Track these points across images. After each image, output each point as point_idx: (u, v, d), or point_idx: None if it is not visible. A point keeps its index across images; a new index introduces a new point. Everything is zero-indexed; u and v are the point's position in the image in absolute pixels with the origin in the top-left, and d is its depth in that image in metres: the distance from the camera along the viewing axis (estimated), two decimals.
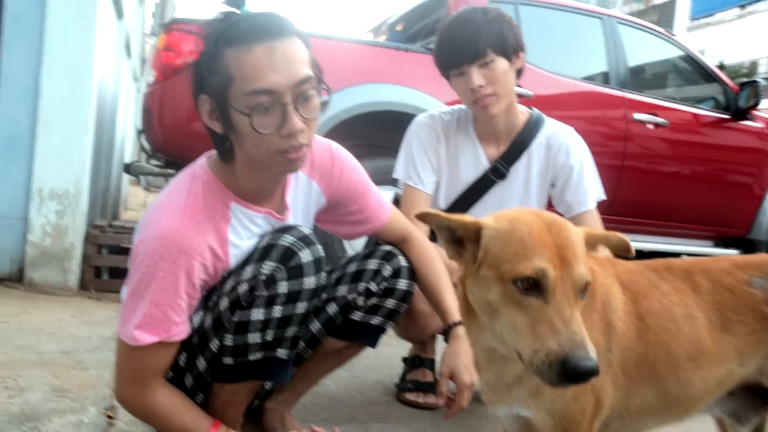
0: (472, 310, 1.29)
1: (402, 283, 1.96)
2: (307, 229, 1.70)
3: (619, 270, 1.49)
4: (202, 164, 1.71)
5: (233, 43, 1.52)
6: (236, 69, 1.51)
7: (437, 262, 2.04)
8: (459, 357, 1.87)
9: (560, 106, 4.64)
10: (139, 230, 1.62)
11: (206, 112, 1.60)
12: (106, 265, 4.17)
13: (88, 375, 2.47)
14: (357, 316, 1.96)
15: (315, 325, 1.96)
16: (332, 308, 1.95)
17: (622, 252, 1.34)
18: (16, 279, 3.89)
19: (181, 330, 1.61)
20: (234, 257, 1.67)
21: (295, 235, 1.66)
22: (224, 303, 1.65)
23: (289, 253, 1.63)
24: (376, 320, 1.98)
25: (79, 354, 2.73)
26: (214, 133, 1.63)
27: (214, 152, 1.73)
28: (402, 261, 1.98)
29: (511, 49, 2.27)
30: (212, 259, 1.63)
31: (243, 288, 1.62)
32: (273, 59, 1.51)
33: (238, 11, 1.59)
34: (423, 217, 1.25)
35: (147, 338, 1.56)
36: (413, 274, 2.00)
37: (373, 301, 1.96)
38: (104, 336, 3.03)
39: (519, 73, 2.35)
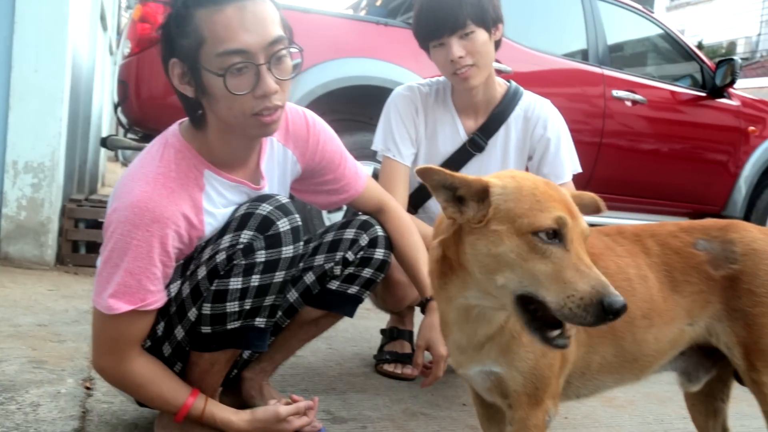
0: (452, 269, 1.31)
1: (379, 253, 1.96)
2: (284, 198, 1.70)
3: None
4: (174, 131, 1.68)
5: (203, 4, 1.50)
6: (207, 30, 1.49)
7: (414, 234, 2.05)
8: (435, 329, 1.88)
9: (539, 82, 4.65)
10: (112, 199, 1.61)
11: (177, 76, 1.57)
12: (83, 240, 4.14)
13: (66, 347, 2.46)
14: (334, 285, 1.97)
15: (292, 295, 1.97)
16: (309, 277, 1.96)
17: (593, 211, 1.38)
18: None
19: (156, 299, 1.60)
20: (209, 225, 1.66)
21: (273, 204, 1.66)
22: (202, 272, 1.64)
23: (267, 222, 1.63)
24: (353, 289, 1.99)
25: (57, 327, 2.72)
26: (186, 98, 1.61)
27: (186, 120, 1.70)
28: (379, 230, 1.98)
29: (491, 20, 2.27)
30: (187, 227, 1.61)
31: (221, 257, 1.62)
32: (244, 19, 1.50)
33: None
34: (424, 173, 1.25)
35: (122, 307, 1.55)
36: (390, 244, 2.01)
37: (350, 270, 1.96)
38: (82, 309, 3.01)
39: (498, 44, 2.35)
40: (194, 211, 1.63)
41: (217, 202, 1.68)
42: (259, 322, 1.71)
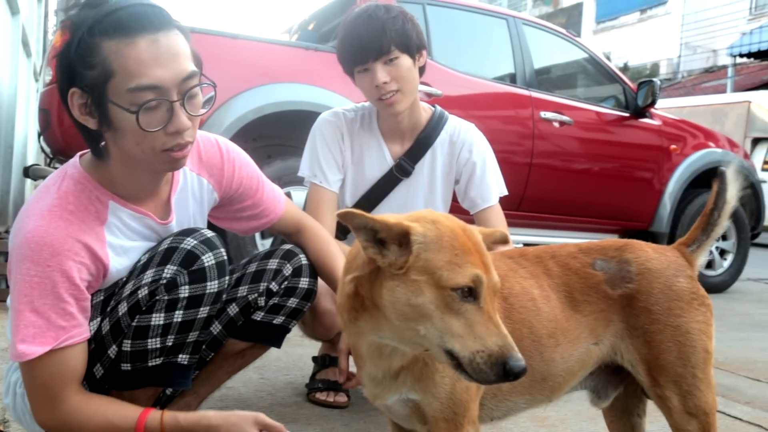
0: (363, 306, 1.30)
1: (304, 282, 1.94)
2: (209, 233, 1.66)
3: None
4: (74, 163, 1.61)
5: (112, 35, 1.42)
6: (117, 63, 1.42)
7: (333, 245, 2.03)
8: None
9: (470, 105, 4.73)
10: (11, 239, 1.53)
11: (78, 106, 1.49)
12: (3, 274, 3.97)
13: None
14: (258, 316, 1.93)
15: (216, 327, 1.92)
16: (233, 309, 1.92)
17: (501, 244, 1.41)
18: None
19: (73, 334, 1.50)
20: (113, 259, 1.59)
21: (198, 239, 1.62)
22: (123, 307, 1.59)
23: (191, 257, 1.59)
24: (278, 320, 1.95)
25: None
26: (86, 129, 1.53)
27: (87, 151, 1.63)
28: (303, 259, 1.96)
29: (415, 46, 2.30)
30: (91, 258, 1.53)
31: (143, 292, 1.57)
32: (158, 53, 1.43)
33: None
34: (344, 217, 1.24)
35: (36, 350, 1.45)
36: (315, 272, 1.98)
37: (275, 300, 1.93)
38: (2, 347, 2.87)
39: (422, 70, 2.38)
40: (98, 244, 1.55)
41: (121, 234, 1.61)
42: (182, 358, 1.66)
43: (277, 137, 4.35)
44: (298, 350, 3.20)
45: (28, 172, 4.83)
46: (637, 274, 1.56)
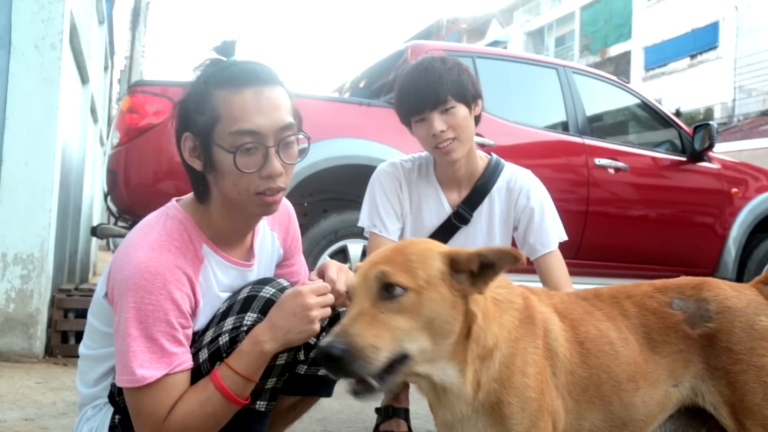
0: None
1: None
2: (285, 282, 1.73)
3: (555, 300, 1.56)
4: (174, 205, 1.72)
5: (223, 85, 1.59)
6: (224, 109, 1.58)
7: None
8: (333, 264, 1.83)
9: (522, 154, 4.73)
10: (114, 271, 1.60)
11: (188, 149, 1.64)
12: (73, 330, 4.10)
13: None
14: (301, 369, 1.86)
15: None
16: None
17: (512, 264, 1.34)
18: None
19: (183, 360, 1.57)
20: (202, 298, 1.66)
21: (276, 287, 1.68)
22: (204, 354, 1.63)
23: (270, 304, 1.64)
24: (323, 371, 1.86)
25: (44, 420, 2.66)
26: (193, 171, 1.67)
27: (184, 197, 1.75)
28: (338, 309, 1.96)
29: (471, 96, 2.34)
30: (191, 291, 1.62)
31: (224, 339, 1.62)
32: (260, 103, 1.58)
33: (225, 59, 1.66)
34: None
35: (153, 374, 1.51)
36: None
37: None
38: (70, 401, 2.95)
39: (477, 119, 2.42)
40: (194, 281, 1.64)
41: (210, 278, 1.69)
42: (260, 405, 1.69)
43: (332, 191, 4.43)
44: (360, 403, 3.18)
45: (95, 231, 5.01)
46: (717, 312, 1.53)
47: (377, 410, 2.59)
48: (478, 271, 1.32)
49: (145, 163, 3.95)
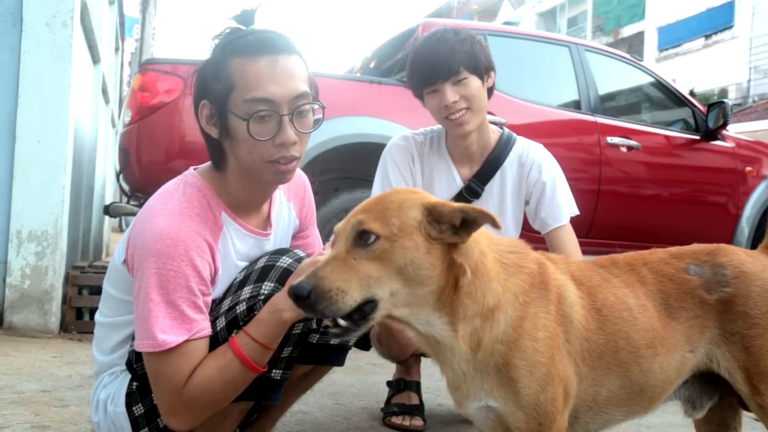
0: None
1: None
2: (302, 252, 1.75)
3: (573, 268, 1.56)
4: (192, 173, 1.73)
5: (239, 53, 1.60)
6: (239, 77, 1.59)
7: None
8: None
9: (534, 132, 4.68)
10: (133, 238, 1.61)
11: (205, 117, 1.66)
12: (87, 306, 4.14)
13: (69, 412, 2.43)
14: (314, 338, 1.85)
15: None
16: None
17: (493, 227, 1.35)
18: None
19: (203, 326, 1.58)
20: (221, 265, 1.67)
21: (293, 257, 1.70)
22: (221, 322, 1.64)
23: (287, 274, 1.65)
24: (335, 340, 1.86)
25: (60, 392, 2.69)
26: (210, 139, 1.69)
27: (202, 165, 1.76)
28: None
29: (483, 67, 2.33)
30: (211, 258, 1.63)
31: (241, 307, 1.63)
32: (274, 71, 1.59)
33: (244, 28, 1.67)
34: None
35: (174, 339, 1.52)
36: None
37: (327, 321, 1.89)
38: (86, 375, 2.99)
39: (490, 92, 2.41)
40: (214, 247, 1.65)
41: (228, 245, 1.70)
42: (276, 373, 1.70)
43: (343, 170, 4.43)
44: (371, 377, 3.21)
45: (108, 209, 5.04)
46: (733, 277, 1.53)
47: (389, 383, 2.60)
48: (460, 224, 1.35)
49: (157, 142, 3.97)
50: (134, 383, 1.68)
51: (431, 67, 2.29)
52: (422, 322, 1.37)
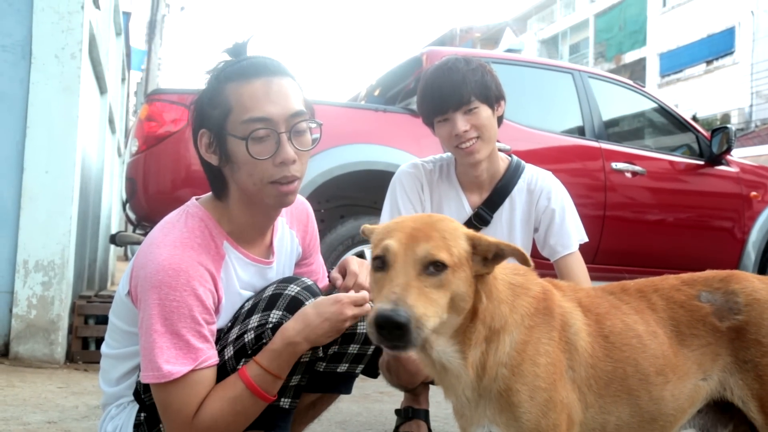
0: None
1: (361, 327, 1.84)
2: (309, 280, 1.75)
3: (581, 295, 1.57)
4: (194, 203, 1.74)
5: (234, 78, 1.63)
6: (235, 99, 1.61)
7: None
8: (354, 258, 1.91)
9: (539, 159, 4.71)
10: (137, 269, 1.61)
11: (204, 145, 1.67)
12: (93, 336, 4.13)
13: None
14: (320, 367, 1.83)
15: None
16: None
17: (521, 263, 1.42)
18: (2, 354, 3.83)
19: (209, 355, 1.58)
20: (224, 295, 1.67)
21: (300, 285, 1.70)
22: (229, 351, 1.64)
23: (295, 302, 1.65)
24: (342, 367, 1.86)
25: (66, 423, 2.68)
26: (210, 168, 1.69)
27: (203, 195, 1.77)
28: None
29: (494, 96, 2.35)
30: (214, 287, 1.63)
31: (249, 336, 1.63)
32: (269, 91, 1.62)
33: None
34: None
35: (179, 369, 1.52)
36: None
37: (334, 349, 1.82)
38: (92, 405, 2.97)
39: (500, 121, 2.42)
40: (216, 277, 1.65)
41: (231, 275, 1.70)
42: (284, 402, 1.69)
43: (349, 197, 4.44)
44: (379, 405, 3.18)
45: (114, 238, 5.06)
46: (745, 305, 1.52)
47: (397, 412, 2.58)
48: (491, 257, 1.38)
49: (164, 171, 3.98)
50: (142, 414, 1.67)
51: (443, 96, 2.31)
52: (438, 349, 1.37)
